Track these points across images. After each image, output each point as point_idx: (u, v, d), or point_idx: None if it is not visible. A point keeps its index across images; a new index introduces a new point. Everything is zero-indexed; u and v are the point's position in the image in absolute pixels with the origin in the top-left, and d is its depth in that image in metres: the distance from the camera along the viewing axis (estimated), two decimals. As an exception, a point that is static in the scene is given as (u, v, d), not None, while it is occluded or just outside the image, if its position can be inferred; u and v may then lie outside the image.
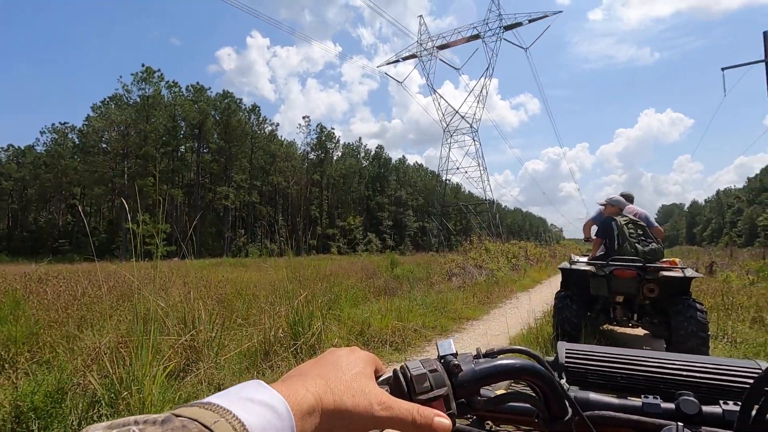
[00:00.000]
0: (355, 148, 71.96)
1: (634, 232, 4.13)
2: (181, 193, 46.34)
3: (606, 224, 4.29)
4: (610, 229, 4.21)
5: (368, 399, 0.36)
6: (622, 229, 4.13)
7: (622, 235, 4.12)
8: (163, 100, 45.87)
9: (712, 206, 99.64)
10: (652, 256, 4.01)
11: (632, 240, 4.07)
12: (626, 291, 4.01)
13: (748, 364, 0.60)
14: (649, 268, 3.88)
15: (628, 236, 4.09)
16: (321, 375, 0.37)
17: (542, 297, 8.79)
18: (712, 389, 0.58)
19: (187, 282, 4.81)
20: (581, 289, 4.28)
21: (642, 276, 3.88)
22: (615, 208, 4.47)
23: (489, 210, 48.41)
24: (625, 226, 4.14)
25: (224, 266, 18.77)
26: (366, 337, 4.79)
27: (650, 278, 3.87)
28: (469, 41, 45.61)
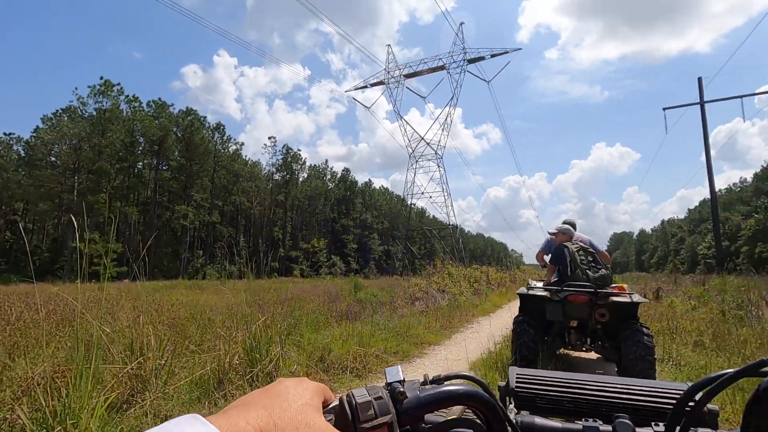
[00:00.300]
0: (322, 170, 71.88)
1: (585, 258, 4.31)
2: (136, 211, 44.28)
3: (559, 251, 4.47)
4: (563, 256, 4.37)
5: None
6: (574, 256, 4.30)
7: (574, 261, 4.28)
8: (122, 114, 44.22)
9: (657, 235, 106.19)
10: (602, 282, 4.16)
11: (583, 266, 4.23)
12: (579, 316, 4.15)
13: (676, 386, 0.63)
14: (599, 293, 4.04)
15: (580, 263, 4.26)
16: (265, 406, 0.36)
17: (502, 322, 8.94)
18: (646, 411, 0.61)
19: (137, 305, 4.54)
20: (538, 314, 4.38)
21: (593, 301, 4.04)
22: (566, 236, 4.69)
23: (452, 235, 49.29)
24: (576, 253, 4.32)
25: (179, 288, 17.88)
26: (326, 363, 4.67)
27: (601, 303, 4.03)
28: (434, 71, 47.36)
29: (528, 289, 4.54)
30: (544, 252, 5.25)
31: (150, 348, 3.32)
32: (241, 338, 4.00)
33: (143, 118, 45.16)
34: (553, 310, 4.20)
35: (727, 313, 8.10)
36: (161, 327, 4.25)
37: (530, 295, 4.40)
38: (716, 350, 5.42)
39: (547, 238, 5.24)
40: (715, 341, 5.81)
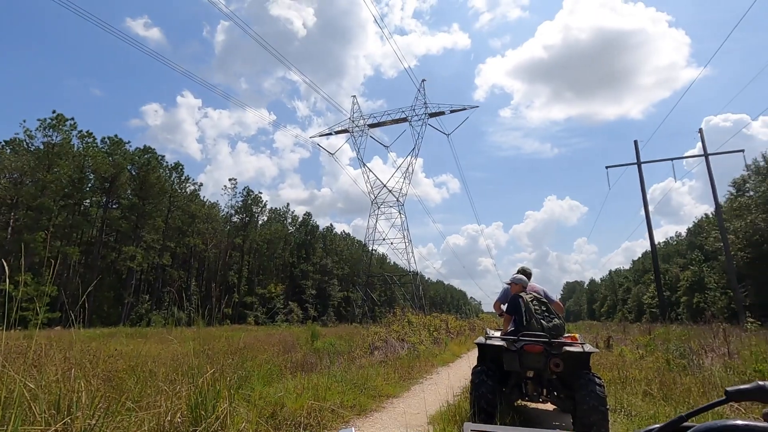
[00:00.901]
0: (283, 214, 70.95)
1: (539, 308, 4.43)
2: (77, 251, 41.26)
3: (514, 302, 4.58)
4: (518, 306, 4.48)
5: None
6: (529, 306, 4.42)
7: (528, 311, 4.39)
8: (72, 149, 42.28)
9: (606, 284, 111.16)
10: (556, 332, 4.28)
11: (537, 316, 4.34)
12: (535, 366, 4.20)
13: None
14: (554, 343, 4.13)
15: (534, 313, 4.37)
16: None
17: (461, 372, 8.84)
18: None
19: (70, 356, 4.13)
20: (496, 365, 4.39)
21: (548, 351, 4.12)
22: (519, 286, 4.80)
23: (413, 281, 49.28)
24: (531, 303, 4.44)
25: (119, 337, 16.47)
26: (278, 419, 4.38)
27: (555, 353, 4.11)
28: (397, 123, 49.38)
29: (486, 339, 4.57)
30: (501, 301, 5.34)
31: (80, 406, 3.00)
32: (186, 393, 3.70)
33: (96, 154, 43.33)
34: (510, 359, 4.23)
35: (672, 362, 8.46)
36: (95, 381, 3.86)
37: (488, 344, 4.43)
38: (663, 399, 5.60)
39: (504, 288, 5.33)
40: (662, 390, 6.02)
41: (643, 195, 25.57)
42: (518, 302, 4.49)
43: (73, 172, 41.29)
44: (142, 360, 6.14)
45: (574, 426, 4.07)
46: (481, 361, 4.56)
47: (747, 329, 13.90)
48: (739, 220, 39.20)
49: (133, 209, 46.35)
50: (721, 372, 7.13)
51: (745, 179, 42.25)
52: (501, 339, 4.42)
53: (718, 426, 0.45)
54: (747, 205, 40.05)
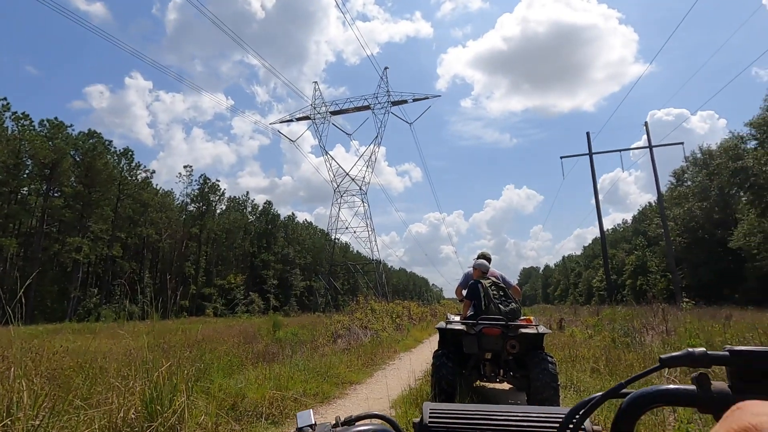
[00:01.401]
0: (242, 202, 68.92)
1: (497, 293, 4.63)
2: (15, 242, 38.26)
3: (473, 287, 4.75)
4: (477, 291, 4.66)
5: None
6: (487, 291, 4.61)
7: (487, 296, 4.59)
8: (6, 132, 38.86)
9: (560, 270, 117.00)
10: (512, 315, 4.51)
11: (496, 301, 4.55)
12: (493, 348, 4.41)
13: (561, 411, 0.72)
14: (510, 326, 4.36)
15: (492, 297, 4.58)
16: None
17: (423, 356, 9.06)
18: None
19: (8, 355, 3.85)
20: (456, 348, 4.58)
21: (505, 333, 4.34)
22: (479, 272, 4.98)
23: (376, 270, 49.63)
24: (489, 288, 4.64)
25: (65, 333, 15.55)
26: (239, 411, 4.32)
27: (512, 335, 4.34)
28: (360, 110, 49.00)
29: (446, 323, 4.74)
30: (462, 287, 5.51)
31: (21, 406, 2.81)
32: (140, 388, 3.56)
33: (33, 138, 40.04)
34: (469, 342, 4.44)
35: (617, 340, 9.07)
36: (38, 380, 3.63)
37: (449, 329, 4.61)
38: (609, 375, 6.00)
39: (465, 273, 5.57)
40: (608, 366, 6.44)
41: (594, 184, 26.94)
42: (478, 288, 4.68)
43: (8, 157, 38.01)
44: (91, 356, 5.83)
45: (529, 402, 4.35)
46: (442, 345, 4.72)
47: (683, 308, 15.12)
48: (678, 208, 42.27)
49: (78, 198, 43.43)
50: (660, 348, 7.73)
51: (684, 170, 45.49)
52: (461, 323, 4.60)
53: (651, 391, 0.50)
54: (685, 194, 43.23)
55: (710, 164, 40.29)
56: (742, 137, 37.32)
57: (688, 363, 0.47)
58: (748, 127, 34.76)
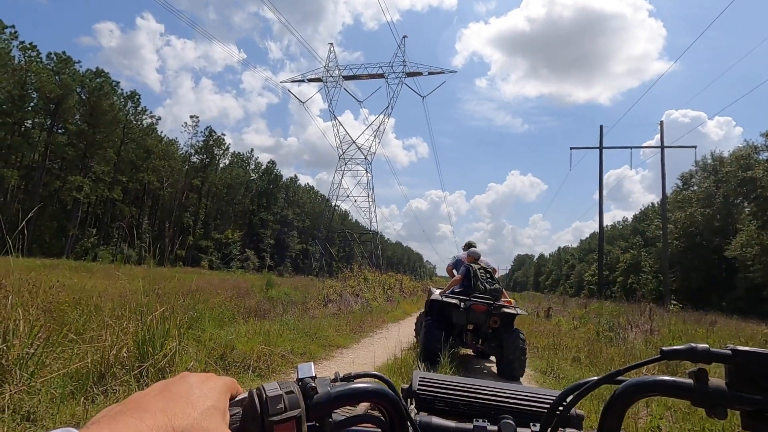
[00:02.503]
0: (246, 159, 68.56)
1: (485, 275, 5.62)
2: (16, 175, 38.26)
3: (467, 269, 5.72)
4: (469, 273, 5.63)
5: None
6: (476, 273, 5.59)
7: (476, 277, 5.55)
8: (12, 62, 38.10)
9: (554, 260, 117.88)
10: (495, 294, 5.40)
11: (483, 281, 5.51)
12: (478, 321, 5.30)
13: (551, 393, 0.73)
14: (495, 304, 5.21)
15: (480, 278, 5.54)
16: (165, 410, 0.30)
17: (411, 329, 9.24)
18: (526, 414, 0.69)
19: (6, 284, 3.92)
20: (444, 318, 5.43)
21: (490, 310, 5.21)
22: (472, 258, 6.01)
23: (372, 240, 49.96)
24: (479, 272, 5.61)
25: (62, 269, 15.76)
26: (228, 361, 4.44)
27: (495, 312, 5.23)
28: (373, 78, 48.00)
29: (442, 296, 5.52)
30: (453, 267, 6.61)
31: (17, 334, 2.89)
32: (133, 329, 3.64)
33: (40, 71, 39.31)
34: (458, 315, 5.27)
35: (601, 334, 9.24)
36: (34, 311, 3.71)
37: (443, 301, 5.41)
38: (589, 365, 6.15)
39: (456, 255, 6.72)
40: (589, 357, 6.59)
41: (600, 179, 26.75)
42: (469, 270, 5.65)
43: (13, 87, 37.46)
44: (86, 294, 5.94)
45: (499, 368, 5.37)
46: (431, 314, 5.61)
47: (670, 310, 15.33)
48: (681, 212, 42.16)
49: (82, 136, 43.12)
50: (642, 345, 7.89)
51: (692, 174, 45.08)
52: (455, 297, 5.36)
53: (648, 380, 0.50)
54: (689, 198, 43.01)
55: (719, 171, 39.89)
56: (755, 147, 36.79)
57: (690, 357, 0.47)
58: (764, 137, 34.23)
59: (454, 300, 5.28)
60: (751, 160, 36.10)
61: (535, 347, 7.86)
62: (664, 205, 28.58)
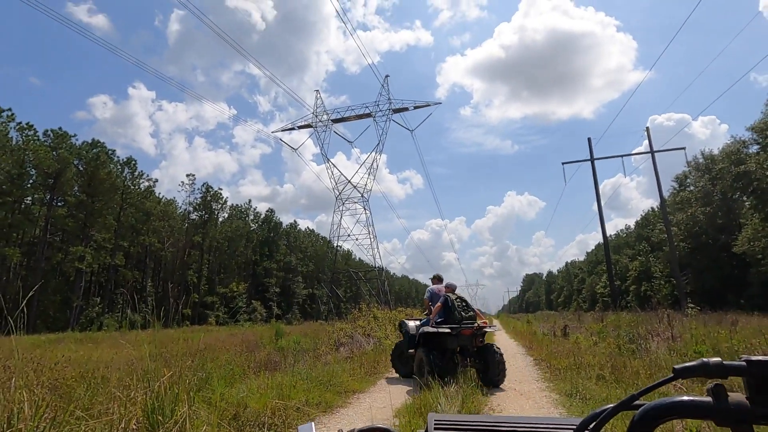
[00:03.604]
0: (244, 210, 69.04)
1: (461, 304, 6.69)
2: (18, 252, 38.36)
3: (446, 300, 6.76)
4: (448, 303, 6.67)
5: None
6: (454, 303, 6.64)
7: (453, 306, 6.58)
8: (10, 143, 39.15)
9: (563, 276, 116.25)
10: (471, 319, 6.50)
11: (459, 309, 6.55)
12: (467, 343, 6.44)
13: (570, 422, 0.70)
14: (478, 327, 6.40)
15: (457, 307, 6.59)
16: None
17: (426, 364, 8.98)
18: None
19: (10, 365, 3.84)
20: (439, 345, 6.40)
21: (475, 333, 6.42)
22: (450, 289, 7.09)
23: (378, 277, 49.46)
24: (455, 301, 6.67)
25: (67, 343, 15.51)
26: (241, 421, 4.28)
27: (479, 334, 6.47)
28: (361, 118, 49.20)
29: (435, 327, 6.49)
30: (428, 299, 7.52)
31: (22, 417, 2.80)
32: (141, 398, 3.53)
33: (37, 148, 40.31)
34: (452, 341, 6.36)
35: (622, 347, 8.97)
36: (40, 390, 3.61)
37: (437, 332, 6.39)
38: (615, 382, 5.93)
39: (430, 288, 7.70)
40: (613, 374, 6.37)
41: (596, 189, 26.89)
42: (447, 300, 6.72)
43: (12, 167, 38.27)
44: (92, 366, 5.81)
45: (484, 378, 6.37)
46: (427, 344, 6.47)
47: (688, 314, 14.97)
48: (681, 213, 42.07)
49: (81, 207, 43.62)
50: (666, 354, 7.64)
51: (687, 175, 45.37)
52: (447, 327, 6.38)
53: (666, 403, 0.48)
54: (688, 199, 43.06)
55: (712, 169, 40.18)
56: (744, 142, 37.24)
57: (703, 374, 0.46)
58: (750, 131, 34.72)
59: (447, 329, 6.29)
60: (742, 155, 36.44)
61: (556, 369, 7.61)
62: (664, 208, 28.58)
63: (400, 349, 7.54)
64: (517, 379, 7.31)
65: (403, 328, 7.38)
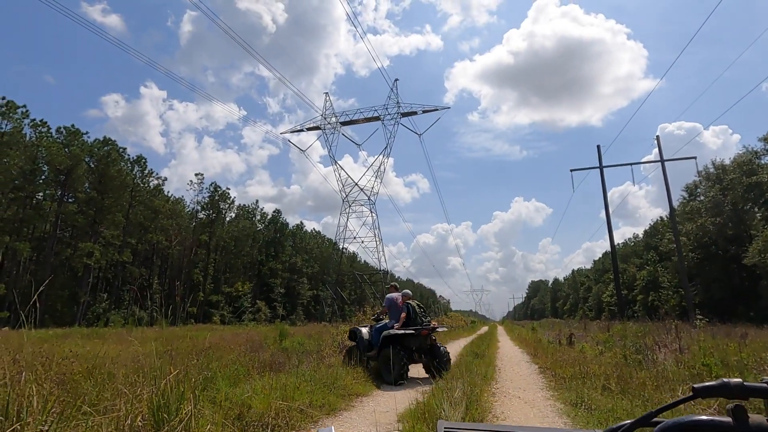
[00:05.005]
0: (251, 211, 69.40)
1: (419, 309, 8.21)
2: (28, 247, 38.85)
3: (407, 306, 8.14)
4: (409, 309, 8.06)
5: None
6: (414, 309, 8.13)
7: (413, 311, 8.07)
8: (24, 139, 39.74)
9: (569, 283, 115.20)
10: (428, 322, 8.14)
11: (419, 315, 8.11)
12: (423, 343, 7.94)
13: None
14: (432, 328, 8.01)
15: (417, 312, 8.12)
16: None
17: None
18: None
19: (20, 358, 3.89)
20: (401, 344, 7.67)
21: (430, 333, 7.96)
22: (408, 297, 8.43)
23: (383, 280, 49.40)
24: (416, 307, 8.19)
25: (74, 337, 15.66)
26: (245, 421, 4.28)
27: (431, 333, 8.06)
28: (369, 121, 49.32)
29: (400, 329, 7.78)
30: (388, 307, 8.46)
31: (30, 411, 2.83)
32: (147, 395, 3.56)
33: (50, 145, 40.90)
34: (413, 340, 7.78)
35: (629, 357, 8.87)
36: (48, 384, 3.65)
37: (401, 334, 7.69)
38: (621, 393, 5.86)
39: (388, 296, 8.63)
40: (619, 385, 6.29)
41: (604, 197, 26.68)
42: (408, 307, 8.10)
43: (25, 163, 38.86)
44: (99, 362, 5.86)
45: (431, 371, 7.60)
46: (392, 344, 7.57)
47: (696, 326, 14.76)
48: (691, 223, 41.58)
49: (91, 203, 44.13)
50: (673, 366, 7.54)
51: (697, 185, 44.85)
52: (410, 329, 7.73)
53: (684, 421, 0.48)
54: (698, 209, 42.55)
55: (723, 179, 39.70)
56: (756, 152, 36.80)
57: (723, 394, 0.45)
58: (762, 141, 34.31)
59: (411, 330, 7.69)
60: (754, 165, 35.98)
61: (561, 377, 7.55)
62: (673, 218, 28.27)
63: (352, 352, 8.53)
64: (521, 386, 7.26)
65: (358, 335, 8.48)
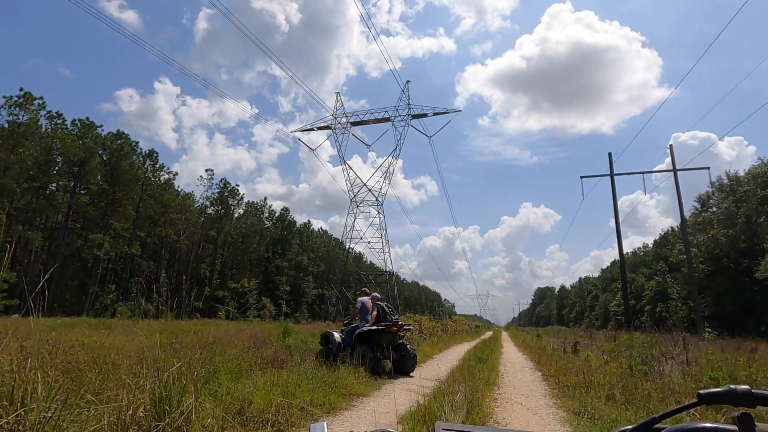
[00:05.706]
0: (259, 208, 69.81)
1: (388, 310, 9.11)
2: (40, 236, 39.44)
3: (378, 306, 8.98)
4: (379, 309, 8.92)
5: None
6: (384, 308, 9.02)
7: (383, 311, 8.94)
8: (40, 130, 40.39)
9: (576, 291, 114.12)
10: (396, 320, 9.04)
11: (389, 313, 9.03)
12: (392, 339, 8.55)
13: None
14: (401, 326, 8.71)
15: (387, 312, 9.01)
16: None
17: (432, 373, 8.90)
18: None
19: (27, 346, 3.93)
20: (373, 341, 8.27)
21: (398, 330, 8.59)
22: (376, 300, 9.12)
23: (388, 281, 49.38)
24: (385, 308, 9.03)
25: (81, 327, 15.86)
26: (245, 416, 4.30)
27: (401, 332, 8.72)
28: (380, 122, 49.34)
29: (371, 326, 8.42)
30: (359, 309, 8.90)
31: (35, 398, 2.86)
32: (150, 387, 3.58)
33: (65, 137, 41.50)
34: (384, 337, 8.34)
35: (634, 368, 8.75)
36: (53, 372, 3.69)
37: (372, 330, 8.32)
38: (625, 404, 5.78)
39: (360, 300, 9.09)
40: (624, 395, 6.21)
41: (614, 206, 26.40)
42: (379, 307, 8.96)
43: (40, 153, 39.49)
44: (105, 352, 5.92)
45: (399, 369, 8.56)
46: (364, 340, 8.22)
47: (705, 338, 14.54)
48: (702, 235, 40.95)
49: (103, 196, 44.71)
50: (680, 378, 7.43)
51: (710, 195, 44.17)
52: (381, 325, 8.43)
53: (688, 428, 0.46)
54: (710, 220, 41.90)
55: (737, 191, 39.06)
56: (771, 164, 36.13)
57: (730, 401, 0.44)
58: (779, 154, 33.62)
59: (382, 326, 8.36)
60: (769, 178, 35.33)
61: (565, 386, 7.47)
62: (684, 228, 27.87)
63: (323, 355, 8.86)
64: (524, 393, 7.20)
65: (330, 338, 8.92)
